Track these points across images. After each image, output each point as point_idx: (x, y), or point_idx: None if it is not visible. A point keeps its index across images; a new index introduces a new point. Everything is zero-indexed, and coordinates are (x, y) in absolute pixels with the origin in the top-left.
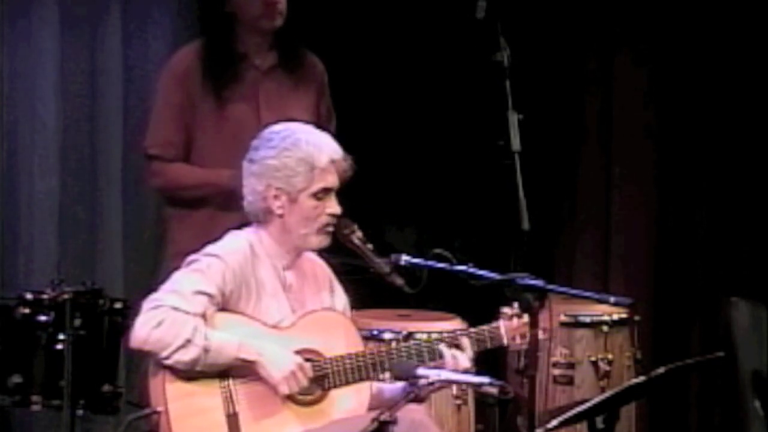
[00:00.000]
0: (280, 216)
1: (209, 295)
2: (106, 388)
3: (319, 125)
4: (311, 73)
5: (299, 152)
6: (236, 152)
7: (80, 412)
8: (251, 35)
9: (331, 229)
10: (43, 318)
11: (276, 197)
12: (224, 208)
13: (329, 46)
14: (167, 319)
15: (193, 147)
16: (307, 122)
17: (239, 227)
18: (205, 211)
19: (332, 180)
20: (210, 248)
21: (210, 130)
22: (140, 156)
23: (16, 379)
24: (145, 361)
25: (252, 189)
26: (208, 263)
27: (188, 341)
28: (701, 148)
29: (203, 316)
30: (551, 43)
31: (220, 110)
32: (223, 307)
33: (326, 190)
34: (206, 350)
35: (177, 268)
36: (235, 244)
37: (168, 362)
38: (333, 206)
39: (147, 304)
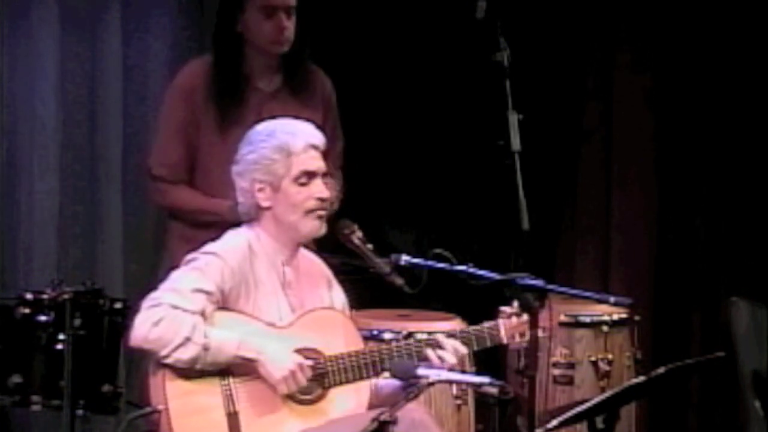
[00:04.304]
0: (269, 208)
1: (208, 293)
2: (106, 388)
3: None
4: (318, 93)
5: (274, 141)
6: None
7: (80, 412)
8: (259, 57)
9: (321, 213)
10: (43, 318)
11: (261, 190)
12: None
13: (329, 47)
14: (166, 317)
15: (196, 167)
16: None
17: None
18: (210, 233)
19: (313, 164)
20: (209, 246)
21: (211, 151)
22: (140, 156)
23: (16, 379)
24: (145, 360)
25: (240, 189)
26: (206, 261)
27: (187, 339)
28: (702, 148)
29: (202, 313)
30: (551, 43)
31: (222, 133)
32: (223, 306)
33: (308, 174)
34: (206, 348)
35: (176, 266)
36: (233, 242)
37: (168, 360)
38: (320, 190)
39: (146, 302)
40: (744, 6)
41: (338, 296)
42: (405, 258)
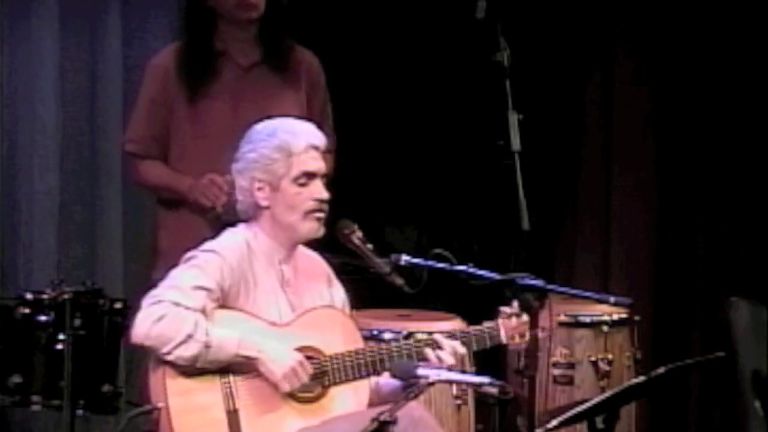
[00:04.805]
0: (267, 207)
1: (208, 290)
2: (106, 388)
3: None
4: (302, 71)
5: (275, 140)
6: (212, 151)
7: (80, 412)
8: (232, 30)
9: (320, 215)
10: (43, 318)
11: (260, 189)
12: (194, 212)
13: (329, 47)
14: (168, 314)
15: (171, 145)
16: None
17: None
18: (181, 211)
19: (313, 165)
20: (207, 244)
21: (185, 128)
22: None
23: (16, 379)
24: (145, 360)
25: (240, 187)
26: (205, 259)
27: (189, 336)
28: (702, 148)
29: (203, 311)
30: (551, 43)
31: (195, 108)
32: (223, 304)
33: (308, 175)
34: (207, 346)
35: (174, 265)
36: (231, 240)
37: (169, 358)
38: (319, 191)
39: (147, 300)
40: (744, 10)
41: (338, 293)
42: (405, 258)
